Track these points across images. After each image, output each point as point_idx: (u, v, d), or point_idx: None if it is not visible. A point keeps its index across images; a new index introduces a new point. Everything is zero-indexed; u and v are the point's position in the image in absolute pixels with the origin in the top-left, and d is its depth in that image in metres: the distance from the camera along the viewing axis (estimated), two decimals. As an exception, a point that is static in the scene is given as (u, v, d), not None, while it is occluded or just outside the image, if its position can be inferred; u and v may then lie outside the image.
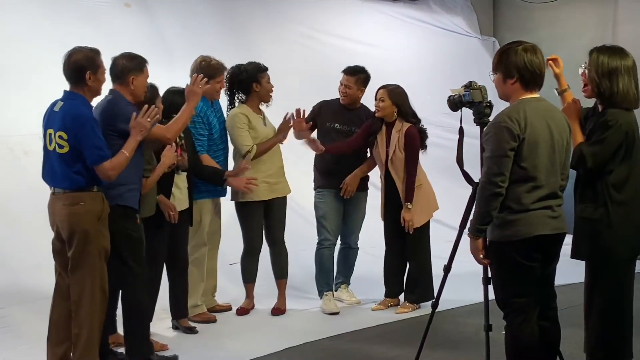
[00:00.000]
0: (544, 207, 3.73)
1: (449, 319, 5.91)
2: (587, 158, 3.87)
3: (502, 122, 3.70)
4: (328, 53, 8.56)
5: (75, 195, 4.36)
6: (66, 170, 4.35)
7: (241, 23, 8.40)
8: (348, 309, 6.33)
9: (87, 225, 4.35)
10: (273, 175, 6.07)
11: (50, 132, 4.39)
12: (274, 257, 6.23)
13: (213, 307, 6.12)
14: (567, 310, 4.07)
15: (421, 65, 9.75)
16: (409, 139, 6.05)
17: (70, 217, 4.35)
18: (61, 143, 4.33)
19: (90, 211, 4.37)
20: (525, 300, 3.82)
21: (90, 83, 4.42)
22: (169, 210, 5.25)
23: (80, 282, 4.38)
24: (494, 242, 3.84)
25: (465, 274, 5.97)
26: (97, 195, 4.42)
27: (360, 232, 6.53)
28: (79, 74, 4.39)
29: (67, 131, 4.32)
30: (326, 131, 6.33)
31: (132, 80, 4.72)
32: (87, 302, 4.38)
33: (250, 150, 5.89)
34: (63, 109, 4.38)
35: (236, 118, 5.94)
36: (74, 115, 4.33)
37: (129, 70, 4.71)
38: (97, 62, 4.47)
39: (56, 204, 4.42)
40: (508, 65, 3.78)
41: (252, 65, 6.06)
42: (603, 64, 3.95)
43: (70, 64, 4.41)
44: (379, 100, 6.12)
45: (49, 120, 4.44)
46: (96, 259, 4.40)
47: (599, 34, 9.40)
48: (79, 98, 4.42)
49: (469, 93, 4.24)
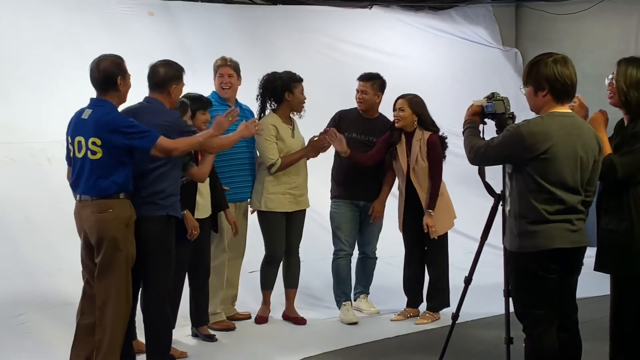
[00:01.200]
0: (563, 220, 3.71)
1: (470, 330, 5.87)
2: (617, 168, 3.84)
3: (522, 128, 3.72)
4: (349, 63, 8.56)
5: (104, 202, 4.39)
6: (96, 177, 4.38)
7: (263, 33, 8.43)
8: (367, 319, 6.31)
9: (115, 232, 4.38)
10: (298, 187, 6.07)
11: (79, 140, 4.40)
12: (287, 266, 6.23)
13: (232, 316, 6.12)
14: (587, 323, 4.03)
15: (443, 75, 9.73)
16: (431, 147, 6.04)
17: (99, 224, 4.38)
18: (94, 149, 4.36)
19: (118, 218, 4.40)
20: (544, 312, 3.80)
21: (121, 88, 4.46)
22: (192, 228, 5.24)
23: (107, 288, 4.41)
24: (513, 252, 3.83)
25: (486, 285, 5.98)
26: (125, 202, 4.45)
27: (377, 241, 6.51)
28: (110, 80, 4.43)
29: (101, 137, 4.33)
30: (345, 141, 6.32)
31: (173, 89, 4.76)
32: (112, 308, 4.41)
33: (275, 163, 5.91)
34: (93, 116, 4.39)
35: (265, 129, 5.94)
36: (108, 122, 4.36)
37: (171, 79, 4.74)
38: (124, 67, 4.51)
39: (84, 211, 4.44)
40: (538, 77, 3.77)
41: (287, 74, 6.07)
42: (632, 75, 3.93)
43: (100, 72, 4.44)
44: (398, 110, 6.11)
45: (77, 127, 4.45)
46: (123, 265, 4.42)
47: (622, 45, 9.34)
48: (108, 104, 4.45)
49: (491, 104, 4.21)
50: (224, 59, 6.05)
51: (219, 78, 6.00)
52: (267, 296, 6.22)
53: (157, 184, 4.59)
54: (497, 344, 4.84)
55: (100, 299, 4.42)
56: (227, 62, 6.03)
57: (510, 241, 3.84)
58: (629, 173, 3.85)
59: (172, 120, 4.64)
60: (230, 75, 5.98)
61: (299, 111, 6.12)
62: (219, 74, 6.00)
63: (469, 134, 4.06)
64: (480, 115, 4.25)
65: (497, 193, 4.24)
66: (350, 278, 6.42)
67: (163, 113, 4.68)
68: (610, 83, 4.02)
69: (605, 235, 3.95)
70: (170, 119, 4.63)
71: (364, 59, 8.48)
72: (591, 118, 4.07)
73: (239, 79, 6.06)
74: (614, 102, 4.02)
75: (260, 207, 6.01)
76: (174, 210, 4.68)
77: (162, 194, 4.61)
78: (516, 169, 3.79)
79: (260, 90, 6.06)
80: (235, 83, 6.03)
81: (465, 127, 4.14)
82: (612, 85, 4.01)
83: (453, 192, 6.30)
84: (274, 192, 5.96)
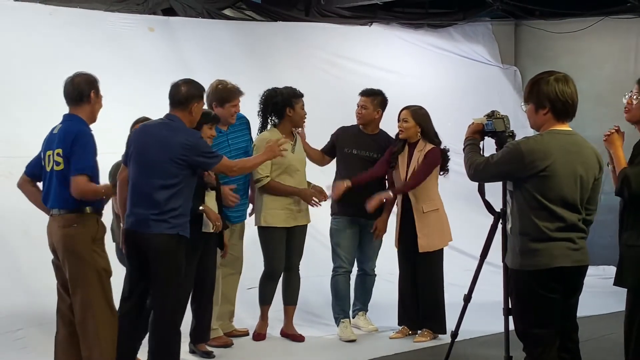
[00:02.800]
0: (565, 239, 3.71)
1: (469, 349, 5.85)
2: (631, 180, 3.81)
3: (521, 146, 3.73)
4: (349, 79, 8.58)
5: (69, 217, 4.40)
6: (61, 189, 4.39)
7: (262, 48, 8.46)
8: (365, 337, 6.29)
9: (79, 247, 4.38)
10: (296, 202, 6.07)
11: (49, 154, 4.46)
12: (287, 282, 6.21)
13: (230, 332, 6.10)
14: (587, 342, 4.01)
15: (442, 93, 9.75)
16: (427, 155, 6.04)
17: (64, 239, 4.39)
18: (58, 160, 4.39)
19: (82, 233, 4.40)
20: (545, 331, 3.78)
21: (93, 103, 4.49)
22: (215, 220, 5.29)
23: (82, 303, 4.39)
24: (514, 270, 3.83)
25: (485, 303, 5.96)
26: (91, 217, 4.44)
27: (377, 258, 6.50)
28: (82, 93, 4.47)
29: (64, 147, 4.37)
30: (345, 157, 6.33)
31: (194, 108, 4.77)
32: (92, 323, 4.38)
33: (262, 179, 5.89)
34: (61, 129, 4.46)
35: (263, 142, 5.93)
36: (71, 131, 4.40)
37: (193, 97, 4.76)
38: (97, 86, 4.56)
39: (53, 226, 4.48)
40: (540, 95, 3.77)
41: (288, 90, 6.07)
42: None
43: (74, 85, 4.49)
44: (402, 120, 6.14)
45: (48, 142, 4.51)
46: (94, 279, 4.40)
47: (621, 64, 9.37)
48: (77, 119, 4.48)
49: (491, 122, 4.22)
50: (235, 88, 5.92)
51: (232, 108, 5.88)
52: (265, 311, 6.19)
53: (170, 203, 4.58)
54: (497, 362, 4.83)
55: (79, 314, 4.41)
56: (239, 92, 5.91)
57: (511, 259, 3.84)
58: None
59: (193, 141, 4.66)
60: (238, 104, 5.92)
61: (299, 126, 6.13)
62: (232, 105, 5.88)
63: (469, 151, 4.07)
64: (480, 133, 4.25)
65: (496, 211, 4.24)
66: (349, 295, 6.40)
67: (184, 131, 4.69)
68: (629, 100, 3.98)
69: (626, 250, 3.93)
70: (191, 139, 4.65)
71: (364, 76, 8.49)
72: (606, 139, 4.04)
73: None
74: (629, 118, 4.01)
75: (260, 223, 6.00)
76: (184, 230, 4.65)
77: (174, 212, 4.59)
78: (516, 186, 3.79)
79: (261, 106, 6.06)
80: None
81: (465, 144, 4.15)
82: (631, 102, 3.97)
83: (452, 208, 6.30)
84: (273, 208, 5.95)
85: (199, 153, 4.64)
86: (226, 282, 6.03)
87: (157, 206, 4.55)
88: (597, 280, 7.93)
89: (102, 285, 4.43)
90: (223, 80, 5.95)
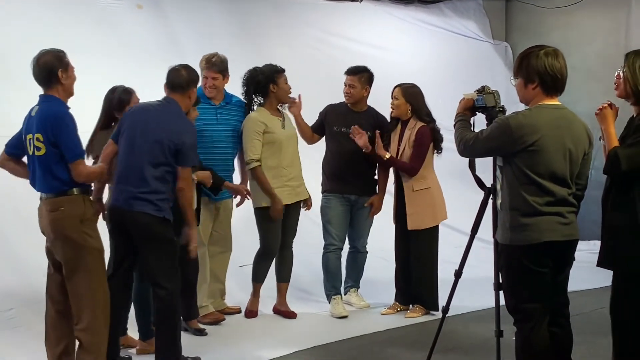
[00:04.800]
0: (555, 213, 3.72)
1: (460, 324, 5.89)
2: (621, 160, 3.76)
3: (510, 120, 3.73)
4: (339, 56, 8.54)
5: (56, 200, 4.34)
6: (44, 172, 4.33)
7: (253, 26, 8.40)
8: (357, 313, 6.32)
9: (68, 231, 4.33)
10: (295, 178, 6.07)
11: (29, 138, 4.37)
12: (281, 260, 6.22)
13: (222, 310, 6.11)
14: (578, 316, 4.03)
15: (433, 69, 9.73)
16: (419, 137, 6.05)
17: (53, 224, 4.35)
18: (38, 145, 4.31)
19: (70, 216, 4.34)
20: (536, 305, 3.80)
21: (63, 81, 4.38)
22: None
23: (78, 286, 4.35)
24: (504, 245, 3.84)
25: (476, 279, 6.01)
26: (77, 198, 4.37)
27: (368, 236, 6.52)
28: (51, 73, 4.36)
29: (44, 132, 4.29)
30: (334, 135, 6.32)
31: (192, 92, 4.84)
32: (89, 306, 4.35)
33: (252, 162, 5.88)
34: (39, 112, 4.36)
35: (251, 124, 5.92)
36: (49, 115, 4.31)
37: (192, 82, 4.83)
38: (66, 60, 4.43)
39: (42, 210, 4.43)
40: (529, 69, 3.77)
41: (269, 66, 6.05)
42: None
43: (40, 66, 4.38)
44: (394, 98, 6.14)
45: (27, 125, 4.42)
46: (89, 260, 4.37)
47: (611, 39, 9.36)
48: (54, 99, 4.39)
49: (482, 98, 4.21)
50: (209, 60, 5.88)
51: (203, 79, 5.89)
52: (257, 289, 6.20)
53: (158, 185, 4.59)
54: (488, 337, 4.86)
55: (76, 297, 4.37)
56: (212, 64, 5.87)
57: (502, 234, 3.85)
58: (633, 166, 3.75)
59: (191, 133, 4.74)
60: (214, 78, 5.87)
61: (285, 102, 6.11)
62: (204, 75, 5.89)
63: (459, 127, 4.07)
64: (471, 109, 4.24)
65: (487, 187, 4.24)
66: (341, 272, 6.42)
67: (184, 121, 4.78)
68: (618, 75, 3.93)
69: (611, 231, 3.90)
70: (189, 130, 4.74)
71: (354, 53, 8.46)
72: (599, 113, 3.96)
73: (225, 78, 5.95)
74: (619, 94, 3.95)
75: (261, 204, 5.97)
76: (169, 215, 4.66)
77: (161, 194, 4.60)
78: (506, 162, 3.79)
79: (245, 88, 6.04)
80: (221, 84, 5.94)
81: (456, 120, 4.14)
82: (619, 76, 3.92)
83: (444, 185, 6.30)
84: (274, 187, 5.92)
85: (190, 147, 4.66)
86: (216, 260, 6.04)
87: (146, 185, 4.55)
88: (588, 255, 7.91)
89: (96, 265, 4.41)
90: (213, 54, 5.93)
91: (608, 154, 3.81)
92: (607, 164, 3.81)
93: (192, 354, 5.12)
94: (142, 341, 5.10)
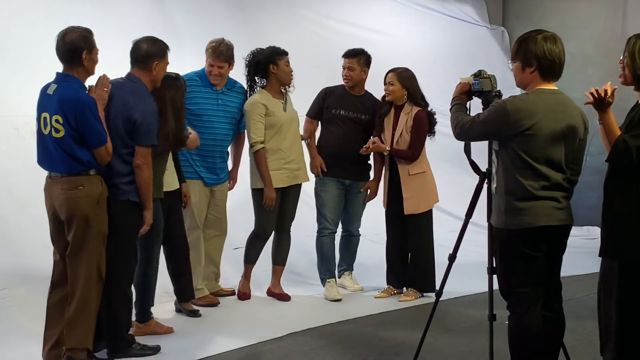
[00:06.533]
0: (550, 198, 3.72)
1: (453, 308, 5.91)
2: (632, 151, 3.64)
3: (507, 104, 3.72)
4: (336, 40, 8.51)
5: (74, 179, 4.32)
6: (62, 154, 4.30)
7: (250, 9, 8.37)
8: (351, 296, 6.35)
9: (86, 210, 4.31)
10: (294, 161, 6.06)
11: (45, 116, 4.33)
12: (277, 243, 6.23)
13: (217, 292, 6.13)
14: (570, 301, 4.04)
15: (430, 53, 9.72)
16: (417, 121, 6.05)
17: (69, 202, 4.31)
18: (57, 127, 4.28)
19: (89, 195, 4.33)
20: (529, 290, 3.81)
21: (85, 63, 4.34)
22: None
23: (78, 266, 4.35)
24: (498, 229, 3.84)
25: (469, 263, 6.03)
26: (96, 179, 4.38)
27: (361, 219, 6.53)
28: (75, 54, 4.31)
29: (64, 115, 4.26)
30: (331, 118, 6.31)
31: (155, 66, 4.67)
32: (84, 286, 4.35)
33: (256, 144, 5.87)
34: (58, 92, 4.31)
35: (254, 107, 5.90)
36: (72, 101, 4.27)
37: (153, 56, 4.64)
38: (92, 41, 4.39)
39: (54, 188, 4.37)
40: (527, 53, 3.75)
41: (271, 48, 6.03)
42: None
43: (65, 44, 4.32)
44: (388, 84, 6.13)
45: (43, 103, 4.37)
46: (95, 243, 4.37)
47: (608, 24, 9.35)
48: (74, 80, 4.34)
49: (478, 82, 4.20)
50: (216, 49, 5.82)
51: (209, 67, 5.86)
52: (249, 270, 6.21)
53: (121, 167, 4.53)
54: (480, 321, 4.89)
55: (73, 276, 4.37)
56: (220, 54, 5.82)
57: (496, 218, 3.85)
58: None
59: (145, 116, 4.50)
60: (220, 67, 5.84)
61: (287, 83, 6.07)
62: (209, 63, 5.86)
63: (455, 110, 4.06)
64: (467, 93, 4.23)
65: (482, 171, 4.25)
66: (334, 255, 6.43)
67: (138, 97, 4.56)
68: (621, 60, 3.84)
69: (612, 219, 3.78)
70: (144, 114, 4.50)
71: (351, 36, 8.44)
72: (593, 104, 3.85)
73: (230, 66, 5.93)
74: (623, 81, 3.84)
75: (258, 185, 5.97)
76: (135, 196, 4.59)
77: (126, 177, 4.54)
78: (501, 146, 3.79)
79: (247, 68, 6.02)
80: (226, 72, 5.92)
81: (452, 104, 4.14)
82: (622, 61, 3.82)
83: (438, 170, 6.32)
84: (270, 169, 5.93)
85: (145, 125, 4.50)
86: (211, 243, 6.05)
87: (109, 167, 4.48)
88: (582, 240, 7.99)
89: (99, 249, 4.40)
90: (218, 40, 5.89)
91: (616, 143, 3.70)
92: (616, 154, 3.70)
93: (186, 335, 5.15)
94: (138, 323, 5.10)
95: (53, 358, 4.47)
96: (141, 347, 4.74)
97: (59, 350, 4.46)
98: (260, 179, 5.93)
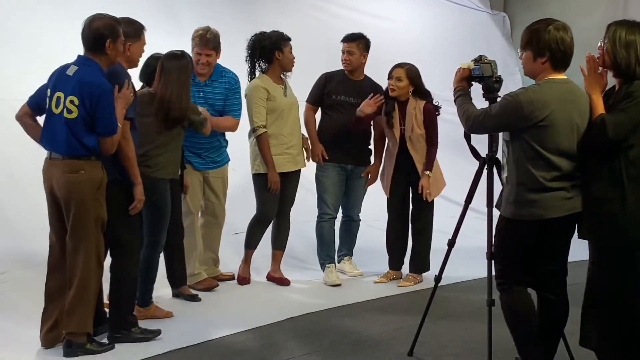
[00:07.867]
0: (559, 188, 3.71)
1: (452, 293, 5.93)
2: (608, 127, 3.65)
3: (520, 97, 3.70)
4: (335, 25, 8.48)
5: (75, 162, 4.31)
6: (68, 135, 4.29)
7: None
8: (350, 281, 6.36)
9: (85, 194, 4.31)
10: (295, 146, 6.06)
11: (59, 95, 4.31)
12: (277, 228, 6.24)
13: (216, 277, 6.13)
14: (572, 286, 4.03)
15: (430, 38, 9.69)
16: (428, 115, 6.07)
17: (69, 185, 4.30)
18: (71, 108, 4.27)
19: (90, 180, 4.33)
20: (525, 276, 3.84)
21: (108, 52, 4.34)
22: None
23: (76, 250, 4.36)
24: (506, 218, 3.84)
25: (469, 249, 6.04)
26: (97, 164, 4.37)
27: (362, 205, 6.53)
28: (99, 41, 4.31)
29: (81, 97, 4.25)
30: (331, 103, 6.30)
31: (129, 47, 4.66)
32: (82, 271, 4.35)
33: (258, 128, 5.86)
34: (78, 74, 4.30)
35: (255, 91, 5.88)
36: (91, 84, 4.26)
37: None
38: (118, 31, 4.38)
39: (54, 170, 4.36)
40: (540, 43, 3.74)
41: (277, 33, 5.99)
42: (620, 36, 3.80)
43: (91, 30, 4.31)
44: (395, 79, 6.08)
45: (59, 82, 4.35)
46: (92, 228, 4.36)
47: (609, 11, 9.31)
48: (95, 65, 4.34)
49: (478, 67, 4.18)
50: (202, 37, 5.75)
51: (196, 56, 5.77)
52: (249, 255, 6.22)
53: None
54: (479, 306, 4.89)
55: (71, 261, 4.37)
56: (207, 41, 5.75)
57: (504, 207, 3.84)
58: (620, 133, 3.64)
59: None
60: (208, 55, 5.78)
61: (288, 70, 6.06)
62: (197, 52, 5.78)
63: (462, 102, 4.02)
64: (467, 79, 4.21)
65: (482, 156, 4.24)
66: (334, 241, 6.44)
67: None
68: (600, 46, 3.89)
69: (594, 202, 3.75)
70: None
71: (351, 21, 8.41)
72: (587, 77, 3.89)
73: (218, 54, 5.86)
74: (600, 63, 3.87)
75: (259, 170, 5.97)
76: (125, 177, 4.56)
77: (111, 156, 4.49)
78: (513, 137, 3.77)
79: (249, 51, 5.99)
80: (214, 60, 5.86)
81: (456, 94, 4.11)
82: (602, 48, 3.87)
83: (438, 155, 6.31)
84: (272, 154, 5.92)
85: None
86: (209, 230, 6.05)
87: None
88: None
89: (97, 235, 4.41)
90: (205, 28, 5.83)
91: (594, 121, 3.72)
92: (593, 131, 3.70)
93: (185, 319, 5.16)
94: (139, 307, 5.11)
95: (50, 340, 4.49)
96: (141, 330, 4.75)
97: (56, 332, 4.47)
98: (262, 164, 5.92)
